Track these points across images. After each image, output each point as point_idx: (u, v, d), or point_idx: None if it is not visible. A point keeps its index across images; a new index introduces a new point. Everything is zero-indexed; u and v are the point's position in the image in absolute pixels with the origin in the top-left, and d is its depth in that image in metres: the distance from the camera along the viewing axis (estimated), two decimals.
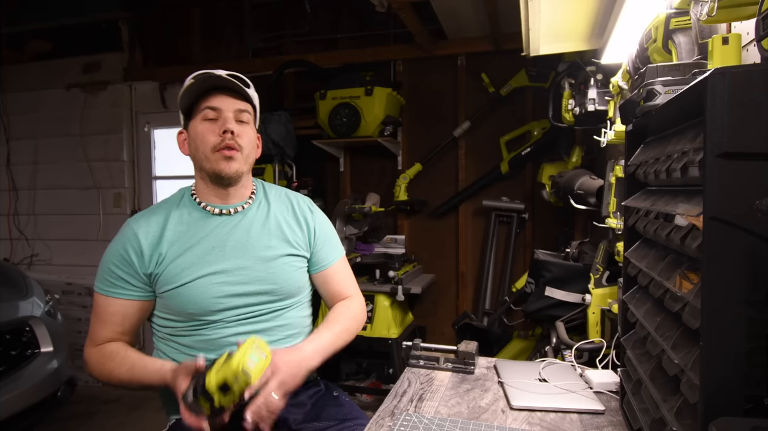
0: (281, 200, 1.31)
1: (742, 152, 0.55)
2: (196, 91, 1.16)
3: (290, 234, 1.26)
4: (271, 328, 1.19)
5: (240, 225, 1.21)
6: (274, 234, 1.23)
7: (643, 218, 0.88)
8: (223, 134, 1.14)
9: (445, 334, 3.39)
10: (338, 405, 1.26)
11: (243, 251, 1.18)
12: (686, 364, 0.61)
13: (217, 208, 1.21)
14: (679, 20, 1.01)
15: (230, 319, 1.15)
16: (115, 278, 1.14)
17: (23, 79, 4.04)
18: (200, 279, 1.13)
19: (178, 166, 4.04)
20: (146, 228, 1.17)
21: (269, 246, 1.21)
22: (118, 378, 1.14)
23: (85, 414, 3.09)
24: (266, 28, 3.69)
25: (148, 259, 1.14)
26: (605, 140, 1.52)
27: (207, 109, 1.15)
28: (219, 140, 1.14)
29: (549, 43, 1.84)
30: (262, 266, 1.18)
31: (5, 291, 2.37)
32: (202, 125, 1.16)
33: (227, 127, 1.14)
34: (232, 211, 1.21)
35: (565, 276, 1.90)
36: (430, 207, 3.41)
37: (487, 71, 3.17)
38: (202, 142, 1.15)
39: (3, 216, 4.14)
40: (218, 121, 1.15)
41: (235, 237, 1.19)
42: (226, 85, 1.15)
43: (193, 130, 1.17)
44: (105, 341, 1.17)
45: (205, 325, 1.14)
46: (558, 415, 1.05)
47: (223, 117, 1.15)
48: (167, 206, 1.23)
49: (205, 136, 1.15)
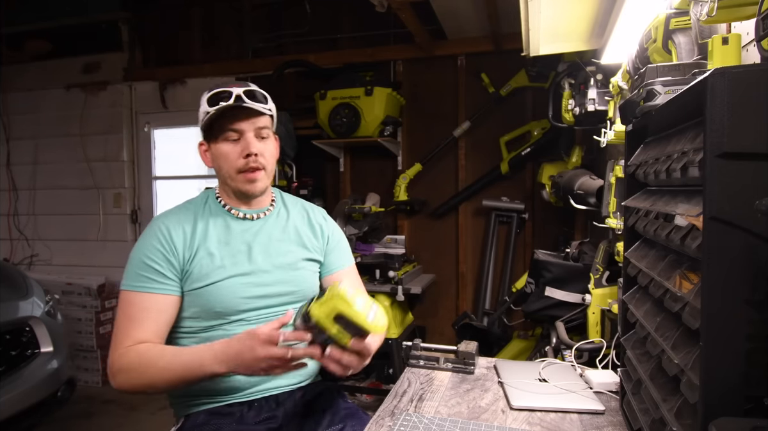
0: (298, 209, 1.36)
1: (742, 152, 0.55)
2: (216, 114, 1.16)
3: (307, 240, 1.31)
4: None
5: (263, 230, 1.25)
6: (293, 240, 1.28)
7: (643, 218, 0.88)
8: (247, 158, 1.17)
9: (445, 334, 3.39)
10: (338, 405, 1.26)
11: (266, 255, 1.22)
12: (686, 364, 0.61)
13: (242, 212, 1.25)
14: (679, 20, 1.01)
15: (252, 319, 1.18)
16: (151, 272, 1.13)
17: (23, 79, 4.04)
18: (229, 280, 1.16)
19: (178, 166, 4.05)
20: (177, 224, 1.18)
21: (289, 251, 1.26)
22: (157, 373, 1.05)
23: (84, 414, 3.09)
24: (266, 28, 3.69)
25: (181, 254, 1.15)
26: (605, 140, 1.52)
27: (229, 131, 1.17)
28: (243, 163, 1.18)
29: (549, 43, 1.84)
30: (283, 270, 1.23)
31: (5, 291, 2.37)
32: (225, 146, 1.19)
33: (251, 150, 1.17)
34: (255, 216, 1.26)
35: (565, 277, 1.90)
36: (430, 207, 3.41)
37: (487, 71, 3.17)
38: (226, 163, 1.19)
39: (3, 216, 4.13)
40: (240, 143, 1.18)
41: (259, 241, 1.23)
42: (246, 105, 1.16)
43: (216, 149, 1.20)
44: (136, 344, 1.10)
45: (227, 323, 1.16)
46: (558, 415, 1.05)
47: (245, 139, 1.18)
48: (194, 206, 1.25)
49: (229, 157, 1.19)
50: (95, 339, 3.60)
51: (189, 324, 1.18)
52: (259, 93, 1.19)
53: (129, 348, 1.08)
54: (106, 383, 3.64)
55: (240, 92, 1.15)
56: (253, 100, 1.16)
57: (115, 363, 1.08)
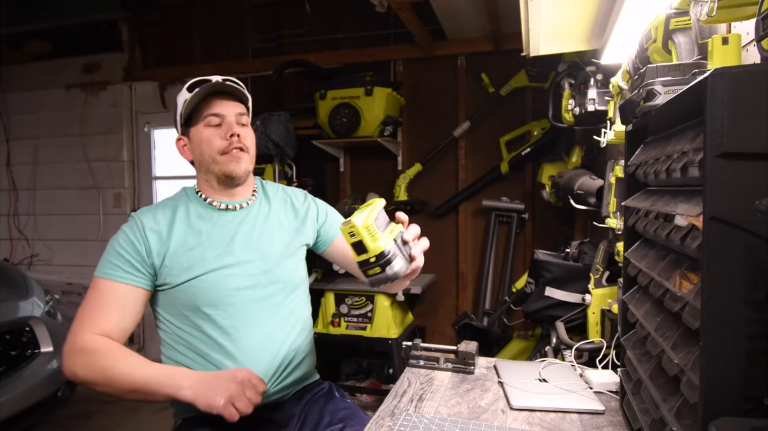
0: (279, 195, 1.36)
1: (742, 152, 0.55)
2: (197, 98, 1.20)
3: (290, 226, 1.30)
4: (279, 318, 1.22)
5: (245, 220, 1.25)
6: (275, 228, 1.28)
7: (643, 218, 0.88)
8: (230, 138, 1.19)
9: (445, 334, 3.39)
10: (338, 405, 1.26)
11: (249, 245, 1.21)
12: (686, 364, 0.61)
13: (224, 203, 1.24)
14: (679, 20, 1.01)
15: (238, 309, 1.17)
16: (123, 262, 1.13)
17: (23, 79, 4.04)
18: (212, 273, 1.16)
19: (178, 166, 4.05)
20: (153, 220, 1.19)
21: (272, 240, 1.25)
22: (113, 374, 1.03)
23: (84, 414, 3.09)
24: (266, 28, 3.69)
25: (156, 251, 1.15)
26: (605, 140, 1.52)
27: (210, 116, 1.20)
28: (226, 143, 1.19)
29: (549, 43, 1.84)
30: (267, 260, 1.22)
31: (5, 291, 2.37)
32: (206, 131, 1.20)
33: (234, 131, 1.19)
34: (237, 206, 1.25)
35: (565, 277, 1.90)
36: (430, 207, 3.40)
37: (487, 71, 3.17)
38: (208, 146, 1.20)
39: (3, 216, 4.14)
40: (222, 126, 1.20)
41: (242, 231, 1.22)
42: (225, 90, 1.21)
43: (197, 135, 1.21)
44: (99, 333, 1.09)
45: (213, 314, 1.15)
46: (558, 415, 1.05)
47: (227, 122, 1.20)
48: (172, 202, 1.25)
49: (212, 141, 1.20)
50: None
51: (174, 319, 1.17)
52: (236, 82, 1.23)
53: (94, 334, 1.08)
54: None
55: (219, 78, 1.20)
56: (233, 87, 1.21)
57: (76, 342, 1.06)
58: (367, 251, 0.86)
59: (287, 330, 1.22)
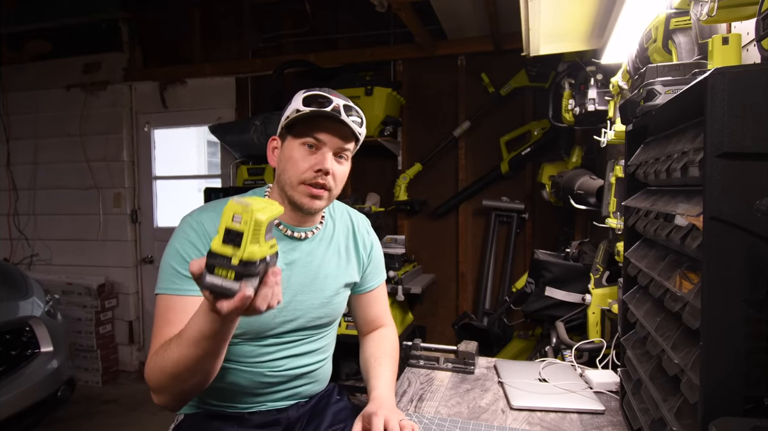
0: (344, 221, 1.28)
1: (742, 152, 0.55)
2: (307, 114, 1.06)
3: (347, 260, 1.24)
4: (314, 350, 1.20)
5: (307, 251, 1.17)
6: (334, 263, 1.20)
7: (643, 218, 0.88)
8: (317, 172, 1.07)
9: (445, 334, 3.39)
10: (339, 406, 1.25)
11: (303, 282, 1.15)
12: (686, 364, 0.61)
13: (290, 230, 1.14)
14: (679, 20, 1.01)
15: (281, 342, 1.13)
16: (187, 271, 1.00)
17: (23, 79, 4.04)
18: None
19: (178, 166, 4.05)
20: (210, 221, 1.07)
21: (328, 276, 1.18)
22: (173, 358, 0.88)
23: (84, 414, 3.09)
24: (266, 28, 3.69)
25: None
26: (605, 140, 1.52)
27: (311, 138, 1.07)
28: (311, 176, 1.07)
29: (549, 43, 1.84)
30: (319, 297, 1.17)
31: (5, 291, 2.37)
32: (299, 150, 1.08)
33: (324, 167, 1.06)
34: (303, 236, 1.16)
35: (565, 276, 1.90)
36: (430, 207, 3.41)
37: (487, 71, 3.17)
38: (293, 168, 1.08)
39: (3, 216, 4.13)
40: (316, 154, 1.08)
41: (301, 263, 1.15)
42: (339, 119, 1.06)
43: (290, 149, 1.09)
44: None
45: (253, 341, 1.11)
46: (558, 415, 1.05)
47: (323, 152, 1.07)
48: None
49: (299, 164, 1.07)
50: (95, 339, 3.60)
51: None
52: (357, 112, 1.09)
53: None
54: (106, 383, 3.64)
55: (340, 104, 1.05)
56: (350, 118, 1.07)
57: (147, 370, 0.95)
58: (239, 249, 0.69)
59: (317, 357, 1.21)
